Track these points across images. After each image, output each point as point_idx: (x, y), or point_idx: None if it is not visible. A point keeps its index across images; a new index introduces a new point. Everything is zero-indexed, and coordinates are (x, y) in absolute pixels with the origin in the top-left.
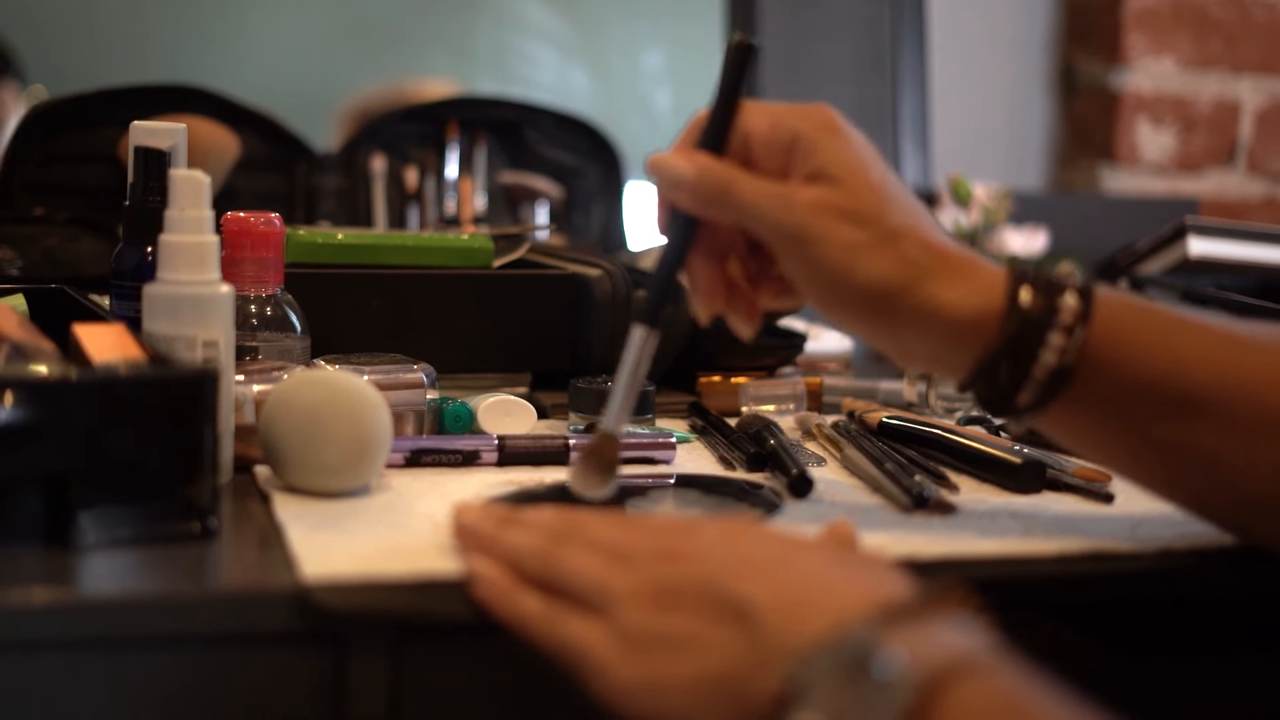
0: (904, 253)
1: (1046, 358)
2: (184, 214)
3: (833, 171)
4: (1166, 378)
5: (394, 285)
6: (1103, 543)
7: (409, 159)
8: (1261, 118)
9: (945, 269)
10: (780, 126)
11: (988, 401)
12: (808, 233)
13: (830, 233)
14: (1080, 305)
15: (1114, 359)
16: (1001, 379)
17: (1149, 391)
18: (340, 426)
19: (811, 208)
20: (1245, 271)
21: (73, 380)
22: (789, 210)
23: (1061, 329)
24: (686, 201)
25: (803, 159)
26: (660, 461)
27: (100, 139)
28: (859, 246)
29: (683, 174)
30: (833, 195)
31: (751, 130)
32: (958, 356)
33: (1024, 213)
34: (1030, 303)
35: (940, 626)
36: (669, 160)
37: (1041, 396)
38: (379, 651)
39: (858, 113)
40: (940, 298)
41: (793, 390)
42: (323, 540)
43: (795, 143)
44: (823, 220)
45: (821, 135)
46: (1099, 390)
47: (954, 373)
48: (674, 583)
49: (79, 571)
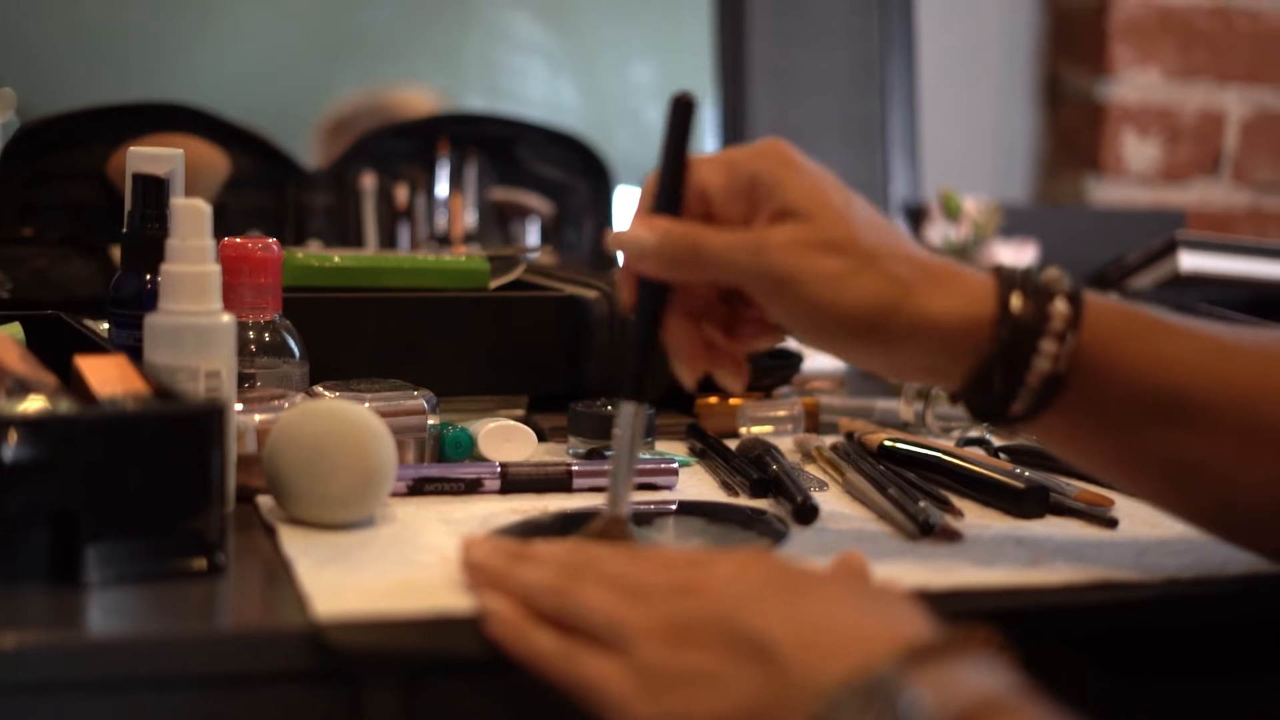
0: (886, 271)
1: (1040, 364)
2: (186, 243)
3: (797, 206)
4: (1156, 383)
5: (391, 308)
6: (1110, 572)
7: (399, 176)
8: (1247, 128)
9: (930, 281)
10: (737, 172)
11: (980, 411)
12: (787, 273)
13: (810, 268)
14: (1071, 311)
15: (1104, 365)
16: (995, 387)
17: (1139, 397)
18: (347, 458)
19: (785, 248)
20: (1236, 286)
21: (79, 417)
22: (763, 255)
23: (1054, 335)
24: (654, 269)
25: (765, 199)
26: (662, 487)
27: (89, 157)
28: (841, 274)
29: (645, 242)
30: (803, 230)
31: (707, 182)
32: (951, 366)
33: (1012, 225)
34: (1021, 309)
35: (965, 667)
36: (630, 232)
37: (1035, 404)
38: (392, 688)
39: (847, 126)
40: (930, 310)
41: (790, 411)
42: (332, 576)
43: (754, 185)
44: (799, 257)
45: (779, 171)
46: (1090, 397)
47: (948, 383)
48: (690, 618)
49: (87, 610)
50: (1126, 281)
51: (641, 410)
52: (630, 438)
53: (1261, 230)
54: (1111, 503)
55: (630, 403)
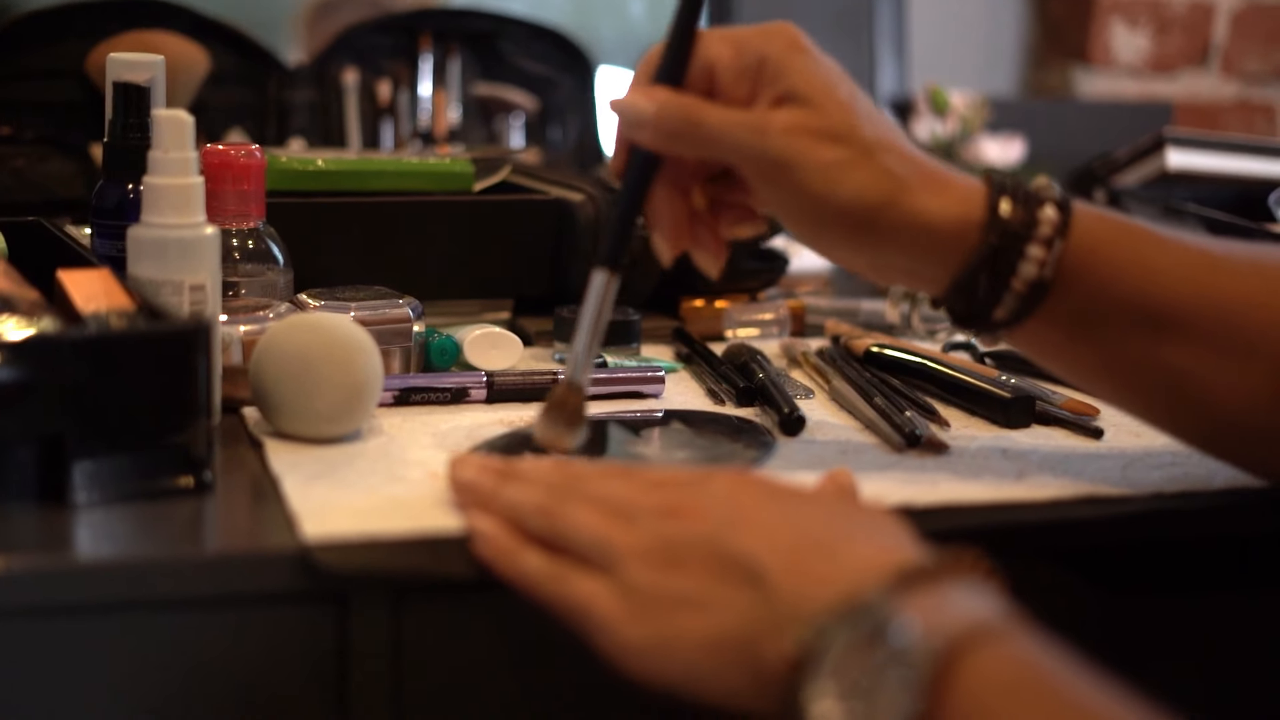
0: (884, 166)
1: (1026, 270)
2: (168, 155)
3: (804, 92)
4: (1141, 294)
5: (375, 212)
6: (1095, 487)
7: (381, 72)
8: (1237, 19)
9: (925, 181)
10: (746, 51)
11: (964, 316)
12: (787, 157)
13: (809, 155)
14: (1059, 218)
15: (1090, 274)
16: (980, 292)
17: (1123, 307)
18: (332, 373)
19: (787, 131)
20: (1223, 184)
21: (64, 338)
22: (764, 136)
23: (1041, 241)
24: (650, 139)
25: (770, 81)
26: (649, 395)
27: (67, 54)
28: (840, 165)
29: (643, 111)
30: (807, 116)
31: (715, 58)
32: (936, 269)
33: (999, 119)
34: (1010, 214)
35: (954, 593)
36: (628, 99)
37: (1018, 310)
38: (381, 608)
39: (835, 19)
40: (922, 209)
41: (776, 314)
42: (320, 494)
43: (762, 65)
44: (800, 143)
45: (789, 55)
46: (1074, 305)
47: (931, 287)
48: (679, 540)
49: (76, 533)
50: (1113, 178)
51: (615, 279)
52: (598, 306)
53: (1249, 122)
54: (1097, 411)
55: (603, 270)
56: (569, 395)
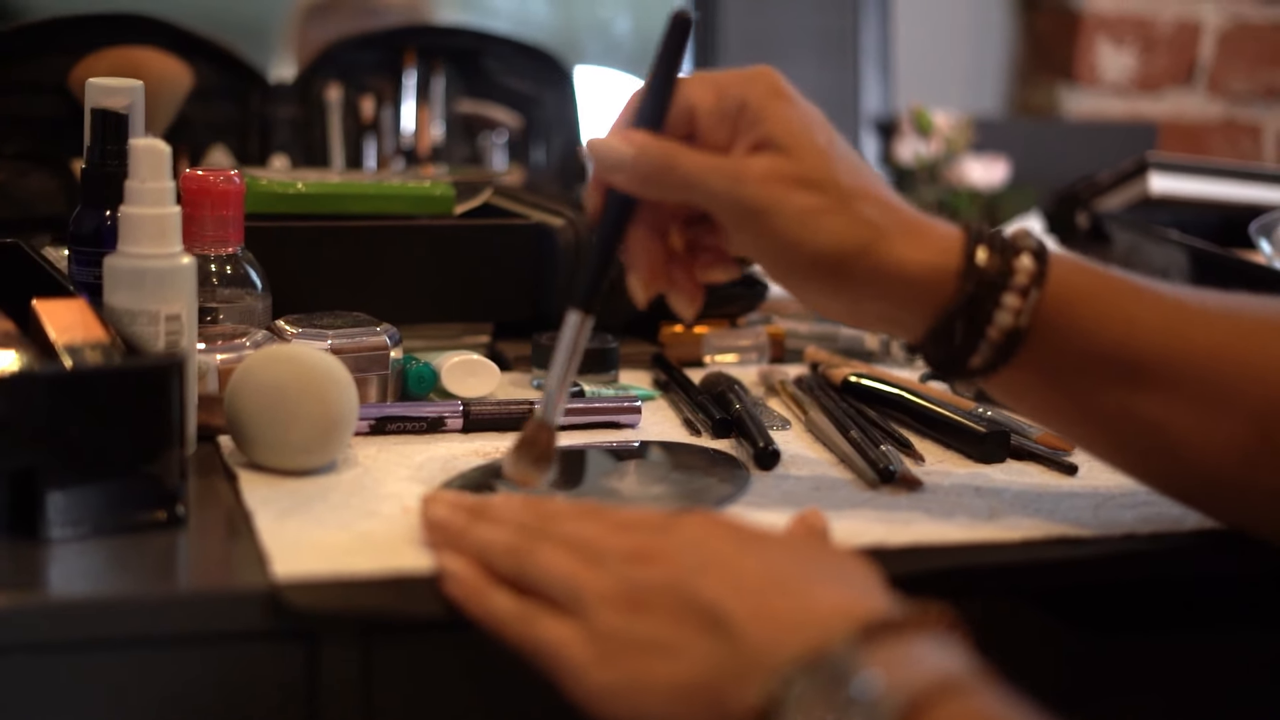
0: (861, 214)
1: (1002, 319)
2: (145, 185)
3: (781, 138)
4: (1117, 345)
5: (355, 236)
6: (1067, 528)
7: (365, 88)
8: (1224, 39)
9: (902, 228)
10: (726, 95)
11: (939, 363)
12: (762, 204)
13: (785, 201)
14: (1036, 267)
15: (1066, 323)
16: (956, 339)
17: (1099, 358)
18: (309, 405)
19: (762, 178)
20: (1206, 209)
21: (38, 375)
22: (740, 183)
23: (1017, 290)
24: (626, 183)
25: (749, 127)
26: (625, 425)
27: (50, 69)
28: (815, 212)
29: (621, 155)
30: (783, 163)
31: (696, 102)
32: (913, 317)
33: (984, 139)
34: (987, 263)
35: (920, 646)
36: (606, 142)
37: (994, 359)
38: (351, 647)
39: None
40: (898, 257)
41: (755, 340)
42: (293, 530)
43: (742, 110)
44: (776, 190)
45: (768, 101)
46: (1050, 354)
47: (908, 334)
48: (646, 585)
49: (47, 569)
50: (1095, 202)
51: (588, 321)
52: (571, 347)
53: (1234, 141)
54: (1072, 447)
55: (577, 311)
56: (539, 433)
